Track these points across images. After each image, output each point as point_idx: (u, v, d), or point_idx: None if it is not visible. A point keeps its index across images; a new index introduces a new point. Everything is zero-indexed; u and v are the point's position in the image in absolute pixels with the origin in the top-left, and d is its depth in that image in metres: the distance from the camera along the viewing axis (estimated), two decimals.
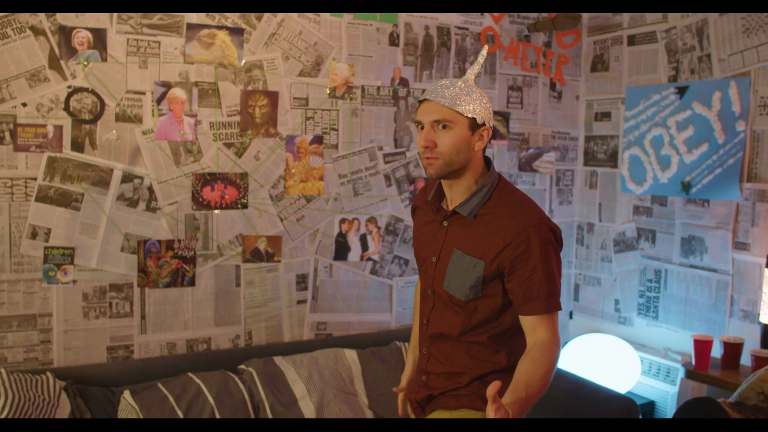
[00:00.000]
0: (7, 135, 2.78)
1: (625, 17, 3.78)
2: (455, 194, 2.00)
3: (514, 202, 1.96)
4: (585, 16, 4.00)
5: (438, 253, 2.04)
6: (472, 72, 1.98)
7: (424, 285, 2.11)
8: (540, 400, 1.94)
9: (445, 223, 2.03)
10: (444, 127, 1.91)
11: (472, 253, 1.94)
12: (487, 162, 2.03)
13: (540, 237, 1.89)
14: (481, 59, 2.00)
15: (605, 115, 3.94)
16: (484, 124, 1.94)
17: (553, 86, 3.98)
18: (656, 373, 3.58)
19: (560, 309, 1.94)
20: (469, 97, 1.91)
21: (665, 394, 3.51)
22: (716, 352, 3.18)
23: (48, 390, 2.63)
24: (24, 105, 2.80)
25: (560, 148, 4.03)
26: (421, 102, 1.97)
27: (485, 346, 2.01)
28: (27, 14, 2.77)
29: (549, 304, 1.90)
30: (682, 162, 3.47)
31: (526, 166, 3.93)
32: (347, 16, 3.37)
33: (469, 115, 1.90)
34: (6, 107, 2.77)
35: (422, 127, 1.95)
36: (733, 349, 3.11)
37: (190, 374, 2.94)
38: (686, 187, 3.45)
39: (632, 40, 3.76)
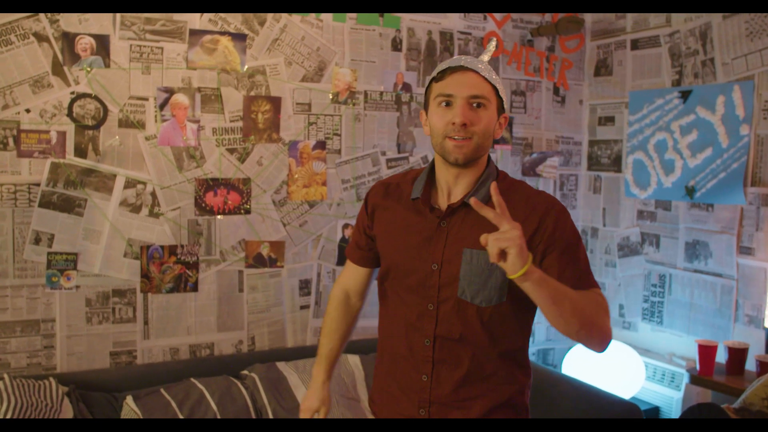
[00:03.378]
0: (11, 141, 2.79)
1: (629, 21, 3.77)
2: (459, 186, 1.76)
3: (522, 188, 1.79)
4: (588, 20, 3.99)
5: (440, 259, 1.74)
6: (485, 56, 1.78)
7: (420, 300, 1.78)
8: (544, 405, 1.91)
9: (444, 223, 1.75)
10: (479, 105, 1.67)
11: (483, 248, 1.59)
12: None
13: (569, 222, 1.73)
14: (492, 47, 1.81)
15: (609, 120, 3.93)
16: (504, 110, 1.75)
17: (556, 91, 3.97)
18: (661, 378, 3.56)
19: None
20: (497, 76, 1.72)
21: (670, 400, 3.49)
22: (721, 357, 3.17)
23: (51, 395, 2.63)
24: (27, 111, 2.81)
25: (564, 153, 4.02)
26: (448, 72, 1.70)
27: (508, 362, 1.79)
28: (30, 21, 2.78)
29: (592, 279, 1.72)
30: (686, 166, 3.46)
31: (530, 170, 3.92)
32: (350, 21, 3.37)
33: (502, 95, 1.71)
34: (10, 113, 2.79)
35: (447, 104, 1.68)
36: (737, 355, 3.09)
37: (192, 380, 2.94)
38: (690, 191, 3.44)
39: (636, 44, 3.75)
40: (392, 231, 1.84)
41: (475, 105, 1.67)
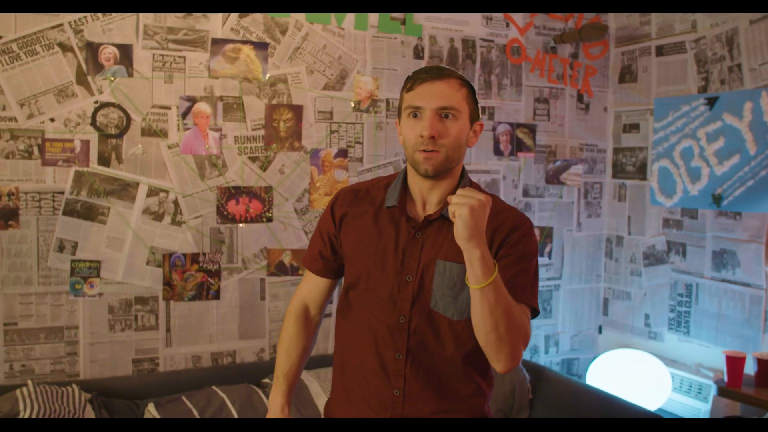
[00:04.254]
0: (36, 150, 2.83)
1: (654, 27, 3.73)
2: (434, 196, 1.73)
3: (495, 202, 1.70)
4: (612, 26, 3.95)
5: (415, 271, 1.71)
6: None
7: (390, 312, 1.72)
8: (567, 416, 1.88)
9: (419, 234, 1.72)
10: (447, 116, 1.65)
11: (461, 261, 1.58)
12: None
13: (533, 238, 1.73)
14: None
15: (634, 127, 3.88)
16: (478, 118, 1.74)
17: (580, 98, 3.94)
18: (687, 389, 3.50)
19: (538, 312, 1.74)
20: (468, 82, 1.71)
21: (697, 412, 3.43)
22: (749, 368, 3.10)
23: (73, 402, 2.64)
24: (52, 120, 2.85)
25: (588, 161, 3.98)
26: (417, 82, 1.67)
27: (476, 375, 1.77)
28: (55, 31, 2.82)
29: (535, 299, 1.71)
30: (712, 174, 3.40)
31: (554, 178, 3.89)
32: (371, 30, 3.37)
33: (475, 104, 1.70)
34: (34, 122, 2.82)
35: (415, 115, 1.66)
36: (766, 366, 3.02)
37: (214, 387, 2.95)
38: (717, 199, 3.38)
39: (661, 51, 3.71)
40: (363, 239, 1.77)
41: (444, 116, 1.65)
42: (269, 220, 3.24)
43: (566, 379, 3.43)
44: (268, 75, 3.19)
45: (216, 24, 3.08)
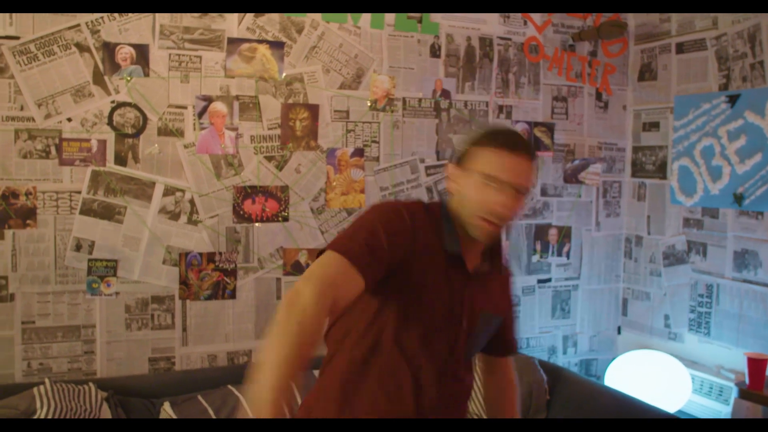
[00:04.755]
0: (53, 149, 2.84)
1: (674, 25, 3.68)
2: (476, 250, 1.73)
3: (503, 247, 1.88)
4: (631, 24, 3.91)
5: (467, 319, 1.69)
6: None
7: (445, 357, 1.67)
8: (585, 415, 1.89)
9: (470, 283, 1.70)
10: (521, 193, 1.60)
11: (496, 312, 1.75)
12: None
13: None
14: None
15: (653, 125, 3.84)
16: None
17: (599, 96, 3.90)
18: (708, 391, 3.45)
19: None
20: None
21: (717, 414, 3.38)
22: None
23: (90, 400, 2.65)
24: (69, 120, 2.86)
25: (607, 159, 3.94)
26: (502, 148, 1.58)
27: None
28: (72, 31, 2.83)
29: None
30: (734, 173, 3.35)
31: (572, 177, 3.85)
32: (388, 28, 3.36)
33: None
34: (52, 122, 2.84)
35: (491, 181, 1.58)
36: None
37: (230, 387, 2.94)
38: (739, 198, 3.33)
39: (681, 48, 3.66)
40: (436, 276, 1.63)
41: (519, 192, 1.59)
42: (285, 219, 3.23)
43: (584, 380, 3.39)
44: (284, 74, 3.18)
45: (232, 23, 3.08)
